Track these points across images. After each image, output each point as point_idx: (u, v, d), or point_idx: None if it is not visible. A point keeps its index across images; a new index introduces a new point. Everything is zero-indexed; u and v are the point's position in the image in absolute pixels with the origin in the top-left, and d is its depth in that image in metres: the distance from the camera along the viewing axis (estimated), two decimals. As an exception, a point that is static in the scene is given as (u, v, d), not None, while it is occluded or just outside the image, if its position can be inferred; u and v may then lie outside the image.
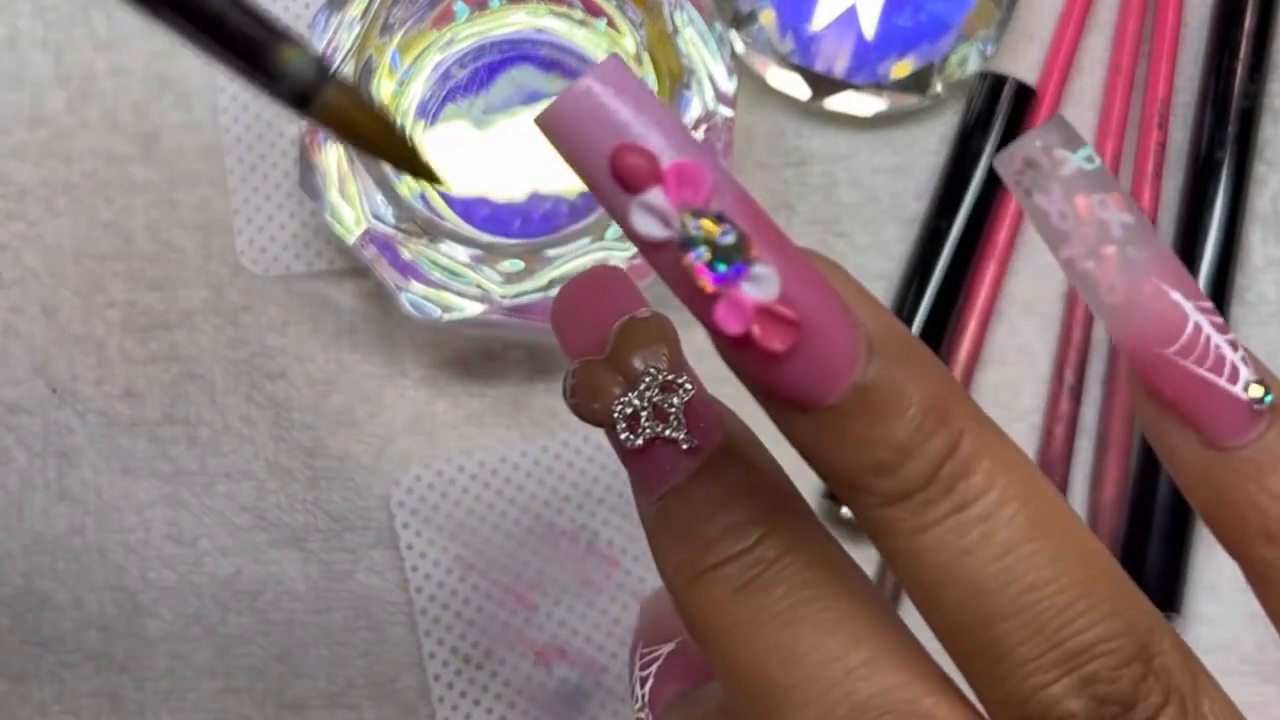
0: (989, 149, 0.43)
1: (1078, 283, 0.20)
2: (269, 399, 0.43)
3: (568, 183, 0.40)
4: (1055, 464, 0.42)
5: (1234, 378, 0.20)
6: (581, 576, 0.42)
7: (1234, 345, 0.20)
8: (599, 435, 0.43)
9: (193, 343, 0.43)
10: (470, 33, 0.40)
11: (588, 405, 0.23)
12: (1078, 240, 0.20)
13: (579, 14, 0.40)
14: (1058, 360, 0.43)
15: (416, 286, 0.38)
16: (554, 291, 0.38)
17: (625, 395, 0.23)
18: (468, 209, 0.40)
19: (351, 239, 0.38)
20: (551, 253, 0.38)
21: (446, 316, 0.38)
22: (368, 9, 0.39)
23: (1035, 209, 0.20)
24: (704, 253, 0.19)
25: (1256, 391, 0.20)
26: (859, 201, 0.44)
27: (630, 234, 0.20)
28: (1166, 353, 0.20)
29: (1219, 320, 0.20)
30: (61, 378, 0.43)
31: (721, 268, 0.19)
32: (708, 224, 0.19)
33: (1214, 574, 0.42)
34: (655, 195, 0.19)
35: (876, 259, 0.44)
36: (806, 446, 0.21)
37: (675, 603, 0.23)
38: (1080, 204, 0.20)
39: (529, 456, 0.43)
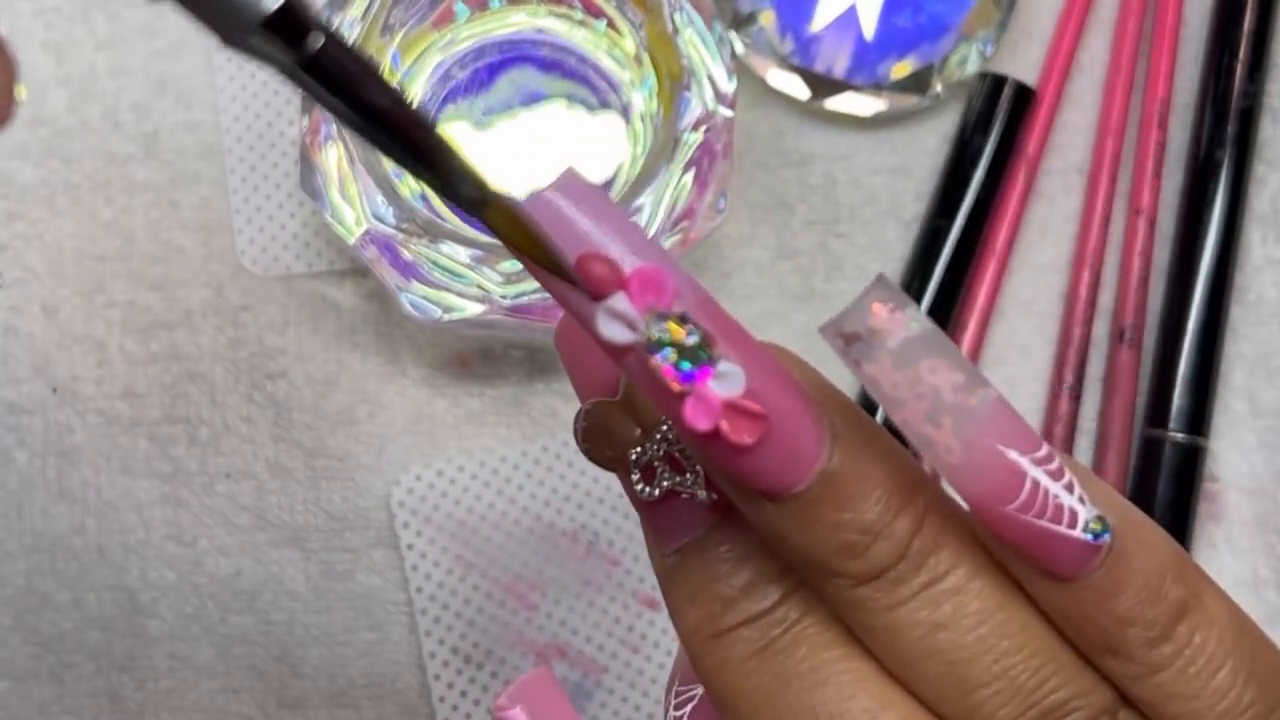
0: (989, 149, 0.43)
1: (916, 444, 0.21)
2: (269, 399, 0.43)
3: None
4: (1055, 464, 0.42)
5: (1073, 522, 0.21)
6: (581, 576, 0.42)
7: (1070, 488, 0.21)
8: (599, 435, 0.43)
9: (193, 343, 0.44)
10: (470, 33, 0.40)
11: (600, 451, 0.23)
12: (912, 407, 0.20)
13: (579, 15, 0.40)
14: (1057, 360, 0.43)
15: (417, 287, 0.38)
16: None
17: (641, 445, 0.23)
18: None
19: (352, 239, 0.38)
20: (551, 253, 0.38)
21: (447, 316, 0.38)
22: (368, 9, 0.39)
23: (867, 377, 0.21)
24: (670, 354, 0.20)
25: (1096, 527, 0.21)
26: (859, 201, 0.44)
27: (598, 340, 0.20)
28: (1007, 510, 0.21)
29: (1054, 466, 0.21)
30: (61, 378, 0.43)
31: (687, 367, 0.20)
32: (672, 326, 0.20)
33: (1214, 574, 0.42)
34: (619, 301, 0.20)
35: (876, 259, 0.44)
36: (777, 534, 0.22)
37: (692, 661, 0.23)
38: (909, 375, 0.20)
39: (529, 456, 0.43)
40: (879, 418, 0.37)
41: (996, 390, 0.21)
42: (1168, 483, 0.42)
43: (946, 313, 0.43)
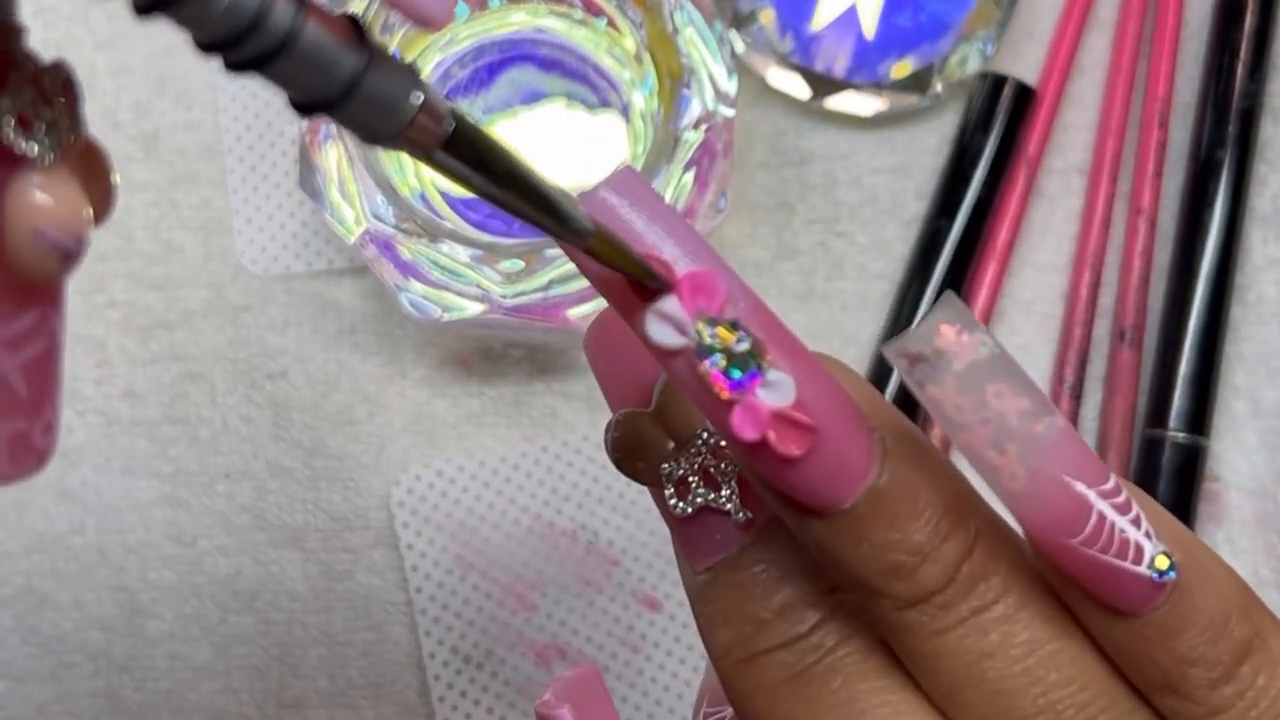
0: (989, 149, 0.43)
1: (978, 468, 0.20)
2: (269, 399, 0.43)
3: (568, 181, 0.40)
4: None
5: (1138, 557, 0.20)
6: (581, 576, 0.42)
7: (1136, 522, 0.20)
8: (599, 434, 0.42)
9: (193, 343, 0.43)
10: (470, 32, 0.40)
11: (631, 463, 0.22)
12: (976, 432, 0.20)
13: (579, 14, 0.40)
14: (1058, 360, 0.43)
15: (416, 286, 0.38)
16: (553, 291, 0.38)
17: (674, 458, 0.22)
18: (468, 209, 0.40)
19: (351, 239, 0.38)
20: (551, 253, 0.38)
21: (446, 316, 0.38)
22: (368, 8, 0.39)
23: (930, 400, 0.20)
24: (719, 360, 0.20)
25: (1162, 563, 0.20)
26: (859, 201, 0.44)
27: (646, 342, 0.20)
28: (1070, 542, 0.20)
29: (1121, 499, 0.20)
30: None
31: (736, 374, 0.20)
32: (723, 331, 0.20)
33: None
34: (670, 303, 0.20)
35: (876, 259, 0.44)
36: (822, 550, 0.21)
37: (723, 683, 0.22)
38: (974, 399, 0.20)
39: (529, 456, 0.43)
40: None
41: (1064, 418, 0.20)
42: (1168, 483, 0.41)
43: (947, 312, 0.42)
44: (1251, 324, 0.43)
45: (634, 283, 0.20)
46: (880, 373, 0.42)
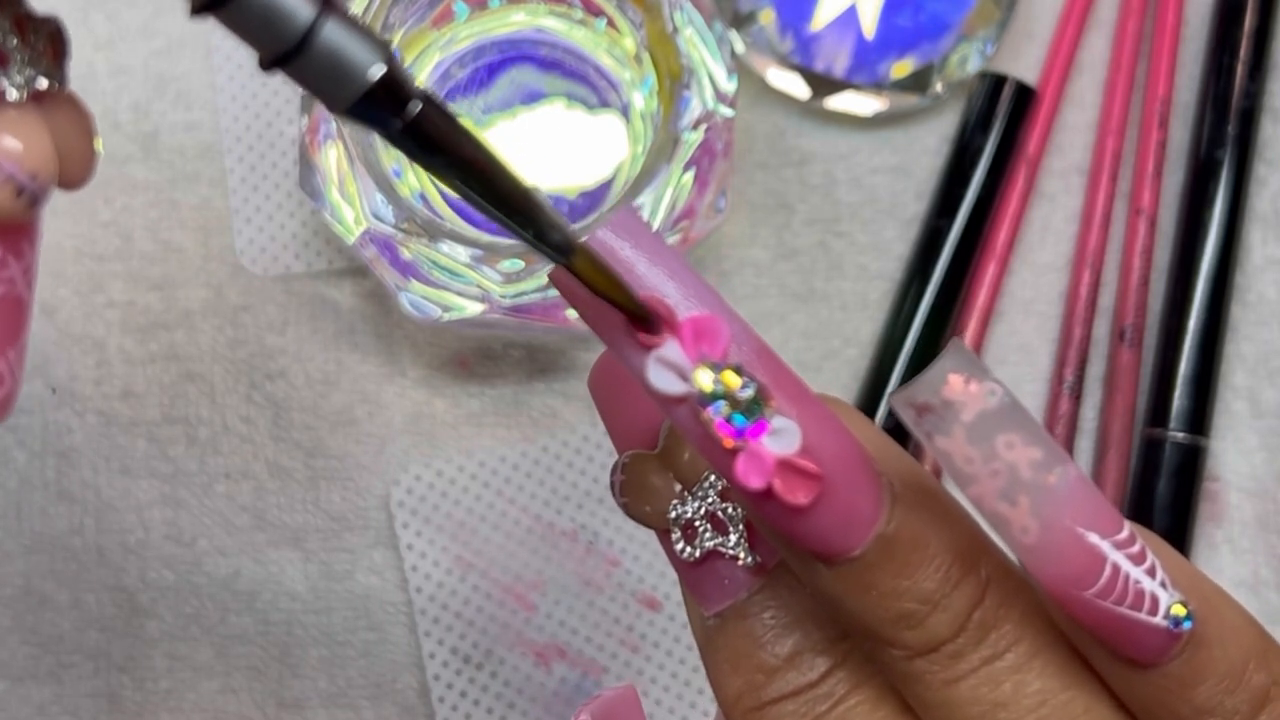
0: (989, 149, 0.43)
1: (989, 520, 0.20)
2: (268, 399, 0.43)
3: (568, 181, 0.40)
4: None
5: (1154, 608, 0.20)
6: (581, 576, 0.42)
7: (1152, 572, 0.20)
8: (599, 434, 0.43)
9: (192, 343, 0.43)
10: (470, 32, 0.40)
11: (638, 507, 0.22)
12: (986, 484, 0.19)
13: (579, 14, 0.40)
14: (1058, 360, 0.43)
15: (416, 286, 0.38)
16: (553, 291, 0.38)
17: (682, 502, 0.22)
18: (468, 208, 0.40)
19: (351, 239, 0.38)
20: (551, 252, 0.38)
21: (446, 316, 0.38)
22: (367, 8, 0.39)
23: (939, 451, 0.19)
24: (723, 407, 0.19)
25: (1179, 613, 0.20)
26: (859, 201, 0.44)
27: (647, 389, 0.19)
28: (1085, 595, 0.19)
29: (1136, 550, 0.20)
30: (61, 378, 0.43)
31: (741, 421, 0.19)
32: (727, 377, 0.19)
33: (1214, 575, 0.42)
34: (671, 349, 0.19)
35: (876, 259, 0.44)
36: (831, 598, 0.21)
37: None
38: (984, 449, 0.19)
39: (529, 456, 0.43)
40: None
41: (1077, 467, 0.20)
42: (1168, 483, 0.41)
43: (946, 313, 0.42)
44: (1251, 324, 0.43)
45: (629, 319, 0.19)
46: (877, 380, 0.42)
